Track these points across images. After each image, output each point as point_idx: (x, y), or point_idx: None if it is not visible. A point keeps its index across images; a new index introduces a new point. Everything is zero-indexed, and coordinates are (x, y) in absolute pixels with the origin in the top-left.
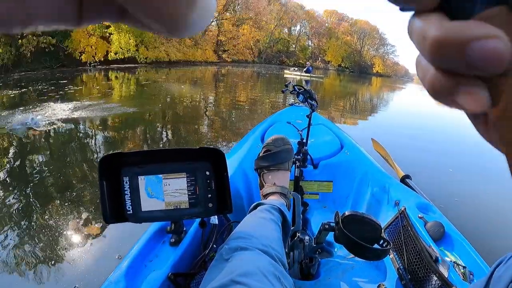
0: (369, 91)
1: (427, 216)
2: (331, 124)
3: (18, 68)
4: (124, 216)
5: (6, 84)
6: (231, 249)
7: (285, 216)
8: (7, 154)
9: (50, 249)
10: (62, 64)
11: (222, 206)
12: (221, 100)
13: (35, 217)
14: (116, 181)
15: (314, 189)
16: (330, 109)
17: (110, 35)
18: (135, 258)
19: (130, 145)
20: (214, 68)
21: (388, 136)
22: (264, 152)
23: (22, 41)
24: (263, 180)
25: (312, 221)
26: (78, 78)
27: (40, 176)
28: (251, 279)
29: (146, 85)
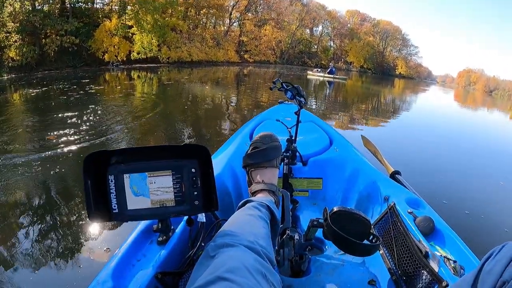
0: (391, 94)
1: (416, 211)
2: (320, 121)
3: (41, 67)
4: (110, 215)
5: (30, 83)
6: (217, 246)
7: (273, 213)
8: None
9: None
10: (85, 63)
11: (208, 204)
12: (243, 100)
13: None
14: (102, 179)
15: (304, 186)
16: (351, 112)
17: (132, 35)
18: (123, 258)
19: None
20: (236, 68)
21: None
22: (252, 149)
23: (45, 40)
24: (251, 177)
25: (302, 218)
26: (101, 77)
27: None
28: (236, 275)
29: (168, 85)
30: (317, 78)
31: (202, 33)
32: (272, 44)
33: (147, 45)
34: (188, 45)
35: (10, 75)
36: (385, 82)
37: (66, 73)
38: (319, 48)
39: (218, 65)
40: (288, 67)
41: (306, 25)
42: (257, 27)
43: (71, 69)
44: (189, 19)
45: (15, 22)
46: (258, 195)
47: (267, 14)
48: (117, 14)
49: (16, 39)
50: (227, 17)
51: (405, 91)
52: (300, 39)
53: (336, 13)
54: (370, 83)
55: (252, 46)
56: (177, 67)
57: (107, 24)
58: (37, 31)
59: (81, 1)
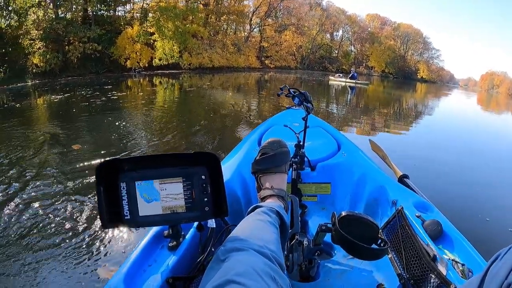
0: (413, 98)
1: (424, 215)
2: (328, 126)
3: (65, 73)
4: (122, 221)
5: (53, 89)
6: (227, 250)
7: (282, 218)
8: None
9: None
10: (108, 70)
11: (218, 210)
12: (265, 106)
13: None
14: (114, 186)
15: (312, 191)
16: (372, 117)
17: (154, 42)
18: (134, 263)
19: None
20: (257, 74)
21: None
22: (260, 155)
23: (69, 47)
24: (261, 183)
25: (310, 223)
26: (123, 84)
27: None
28: (246, 278)
29: (190, 91)
30: (339, 83)
31: (223, 39)
32: (292, 49)
33: (169, 51)
34: (209, 51)
35: (34, 81)
36: (407, 87)
37: (89, 79)
38: (339, 53)
39: (239, 71)
40: (309, 73)
41: (326, 30)
42: (277, 33)
43: (94, 75)
44: (209, 25)
45: (38, 30)
46: (267, 200)
47: (287, 19)
48: (139, 21)
49: (40, 46)
50: (248, 23)
51: (427, 95)
52: (320, 44)
53: (356, 17)
54: (392, 88)
55: (273, 51)
56: (198, 73)
57: (129, 31)
58: (60, 38)
59: (103, 9)
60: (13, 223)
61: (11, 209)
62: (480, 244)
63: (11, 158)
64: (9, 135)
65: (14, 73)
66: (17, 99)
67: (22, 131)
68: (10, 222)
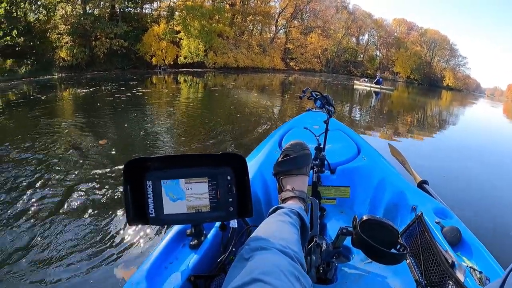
0: (438, 106)
1: (444, 221)
2: (348, 129)
3: (91, 68)
4: (147, 219)
5: (79, 82)
6: (251, 249)
7: (303, 220)
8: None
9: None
10: (133, 66)
11: (242, 210)
12: (288, 108)
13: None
14: (140, 185)
15: (331, 194)
16: (395, 123)
17: (180, 40)
18: (156, 260)
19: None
20: (281, 75)
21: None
22: (282, 157)
23: (95, 42)
24: (282, 184)
25: (329, 226)
26: (148, 80)
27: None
28: (272, 278)
29: (215, 91)
30: (364, 88)
31: (248, 40)
32: (317, 52)
33: (194, 50)
34: (234, 51)
35: (61, 74)
36: (432, 94)
37: (115, 74)
38: (365, 57)
39: (264, 72)
40: (334, 76)
41: (352, 34)
42: (303, 35)
43: (120, 71)
44: (235, 25)
45: (66, 25)
46: (288, 202)
47: (313, 21)
48: (165, 20)
49: (67, 41)
50: (273, 24)
51: (452, 104)
52: (346, 48)
53: (382, 22)
54: (417, 95)
55: (298, 53)
56: (223, 72)
57: (155, 28)
58: (88, 33)
59: (130, 6)
60: (34, 215)
61: (34, 199)
62: (498, 253)
63: (36, 149)
64: (35, 125)
65: (41, 65)
66: (43, 91)
67: (48, 123)
68: (31, 213)
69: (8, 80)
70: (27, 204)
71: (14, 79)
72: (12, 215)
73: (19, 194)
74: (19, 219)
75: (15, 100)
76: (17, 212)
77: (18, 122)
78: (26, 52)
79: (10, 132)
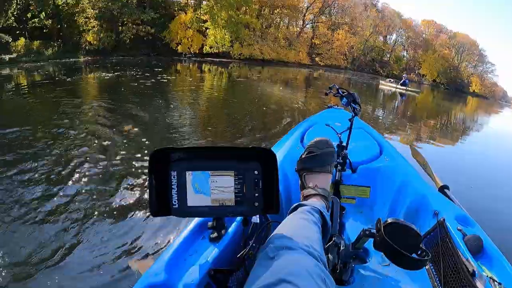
0: (463, 112)
1: (465, 229)
2: (370, 128)
3: (116, 52)
4: (170, 210)
5: (104, 66)
6: (277, 247)
7: (325, 219)
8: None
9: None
10: (158, 53)
11: (268, 206)
12: (311, 103)
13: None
14: (164, 175)
15: (351, 193)
16: (418, 126)
17: (206, 29)
18: (176, 252)
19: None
20: (306, 70)
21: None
22: (307, 153)
23: (122, 28)
24: (305, 181)
25: (347, 225)
26: (173, 67)
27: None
28: (299, 279)
29: (239, 82)
30: (389, 88)
31: (275, 33)
32: (344, 49)
33: (220, 40)
34: (260, 43)
35: (86, 58)
36: (457, 99)
37: (140, 60)
38: (391, 57)
39: (289, 65)
40: (359, 74)
41: (379, 32)
42: (330, 31)
43: (145, 57)
44: (262, 17)
45: (94, 9)
46: (310, 199)
47: (341, 18)
48: (193, 8)
49: (94, 25)
50: (301, 18)
51: (477, 111)
52: (372, 46)
53: (411, 22)
54: (442, 99)
55: (324, 49)
56: (247, 64)
57: (182, 16)
58: (115, 19)
59: None
60: (56, 199)
61: (56, 184)
62: None
63: (59, 131)
64: (58, 107)
65: (68, 48)
66: (68, 73)
67: (72, 104)
68: (53, 198)
69: (35, 61)
70: (47, 187)
71: (40, 60)
72: (34, 197)
73: (39, 177)
74: (40, 203)
75: (40, 80)
76: (39, 195)
77: (42, 104)
78: (53, 34)
79: (35, 112)
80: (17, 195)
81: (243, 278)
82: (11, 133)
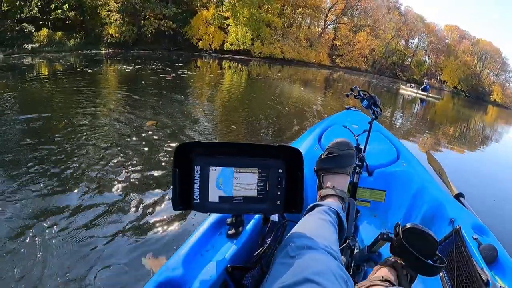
0: (482, 121)
1: (481, 238)
2: (387, 132)
3: (137, 46)
4: (191, 205)
5: (125, 59)
6: (298, 247)
7: (341, 220)
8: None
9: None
10: (179, 48)
11: (290, 205)
12: (330, 104)
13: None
14: (188, 169)
15: (366, 196)
16: (437, 132)
17: (227, 26)
18: (193, 247)
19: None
20: (326, 71)
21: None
22: (326, 154)
23: (144, 22)
24: (322, 181)
25: (361, 228)
26: (193, 63)
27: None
28: (324, 279)
29: (259, 80)
30: (410, 93)
31: (296, 32)
32: (365, 51)
33: (241, 37)
34: (281, 42)
35: (108, 50)
36: (478, 107)
37: (161, 54)
38: (413, 62)
39: (309, 66)
40: (379, 78)
41: (401, 36)
42: (351, 32)
43: (166, 51)
44: (284, 16)
45: (117, 2)
46: (327, 200)
47: (363, 20)
48: (215, 5)
49: (116, 18)
50: (323, 19)
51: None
52: (394, 50)
53: (434, 27)
54: (462, 106)
55: (345, 51)
56: (268, 62)
57: (204, 13)
58: (137, 12)
59: None
60: (75, 190)
61: (77, 174)
62: None
63: (78, 122)
64: (79, 97)
65: (89, 40)
66: (90, 65)
67: (92, 94)
68: (73, 189)
69: (57, 51)
70: (65, 177)
71: (62, 51)
72: (52, 184)
73: (58, 167)
74: (58, 191)
75: (61, 70)
76: (56, 183)
77: (63, 93)
78: (76, 26)
79: (55, 101)
80: (31, 181)
81: (258, 276)
82: (31, 120)
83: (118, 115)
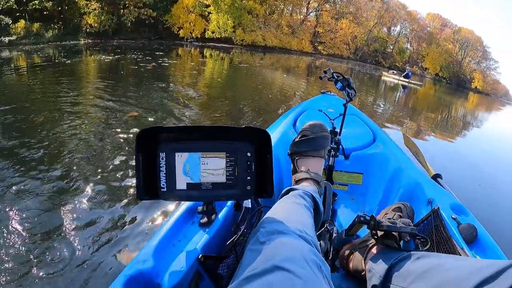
0: (464, 107)
1: (460, 218)
2: (363, 115)
3: (117, 36)
4: (158, 194)
5: (105, 49)
6: (268, 232)
7: (317, 203)
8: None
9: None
10: (160, 37)
11: (261, 190)
12: (311, 91)
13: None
14: (153, 156)
15: (344, 180)
16: (417, 117)
17: (209, 14)
18: (164, 237)
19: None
20: (308, 58)
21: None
22: (300, 137)
23: (124, 11)
24: (297, 165)
25: (339, 212)
26: (174, 52)
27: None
28: (295, 265)
29: (241, 68)
30: (392, 80)
31: (278, 19)
32: (347, 38)
33: (223, 25)
34: (263, 30)
35: (87, 40)
36: (459, 94)
37: (141, 44)
38: (395, 49)
39: (291, 53)
40: (361, 65)
41: (384, 23)
42: (334, 20)
43: (146, 40)
44: (266, 3)
45: None
46: (302, 183)
47: (346, 7)
48: None
49: (95, 7)
50: (305, 6)
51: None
52: (376, 37)
53: (416, 15)
54: (443, 93)
55: (327, 38)
56: (249, 50)
57: (185, 1)
58: (117, 1)
59: None
60: (42, 178)
61: (48, 164)
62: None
63: (54, 114)
64: (57, 89)
65: (68, 31)
66: (69, 56)
67: (70, 87)
68: (38, 178)
69: (35, 43)
70: (39, 169)
71: (40, 42)
72: (24, 181)
73: (35, 160)
74: (30, 187)
75: (39, 62)
76: (30, 178)
77: (41, 85)
78: (54, 16)
79: (34, 94)
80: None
81: (233, 264)
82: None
83: (96, 107)
